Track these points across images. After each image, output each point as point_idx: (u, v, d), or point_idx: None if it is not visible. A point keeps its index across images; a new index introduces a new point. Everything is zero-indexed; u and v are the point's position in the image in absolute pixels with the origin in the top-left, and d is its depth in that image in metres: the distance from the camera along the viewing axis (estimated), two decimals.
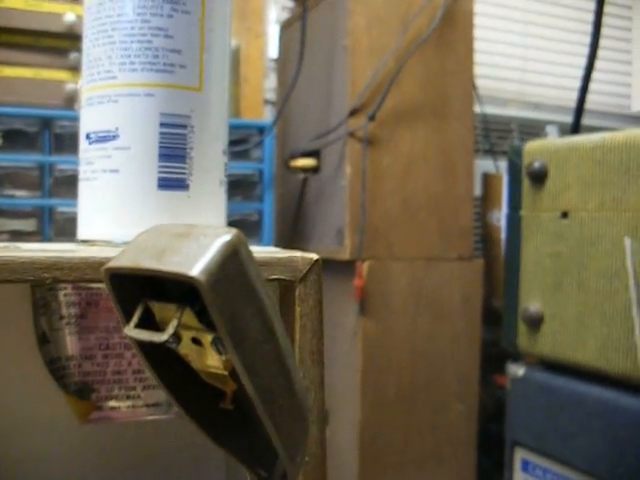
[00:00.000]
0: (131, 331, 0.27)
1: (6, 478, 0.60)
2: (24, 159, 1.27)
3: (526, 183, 1.10)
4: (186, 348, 0.30)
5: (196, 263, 0.24)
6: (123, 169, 0.54)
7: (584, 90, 1.33)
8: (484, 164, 1.83)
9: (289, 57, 1.69)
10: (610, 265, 0.95)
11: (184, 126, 0.55)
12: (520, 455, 1.11)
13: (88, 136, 0.57)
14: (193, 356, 0.30)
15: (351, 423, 1.43)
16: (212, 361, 0.30)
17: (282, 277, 0.47)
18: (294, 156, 1.60)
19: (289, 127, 1.73)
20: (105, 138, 0.55)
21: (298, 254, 0.47)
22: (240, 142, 1.49)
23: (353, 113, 1.38)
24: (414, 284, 1.43)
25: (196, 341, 0.29)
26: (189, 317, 0.28)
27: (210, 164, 0.58)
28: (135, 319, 0.27)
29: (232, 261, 0.23)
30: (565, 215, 1.03)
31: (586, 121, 1.36)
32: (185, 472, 0.70)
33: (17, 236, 1.29)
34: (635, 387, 0.92)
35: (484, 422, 1.64)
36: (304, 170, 1.56)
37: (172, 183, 0.55)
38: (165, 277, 0.24)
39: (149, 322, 0.29)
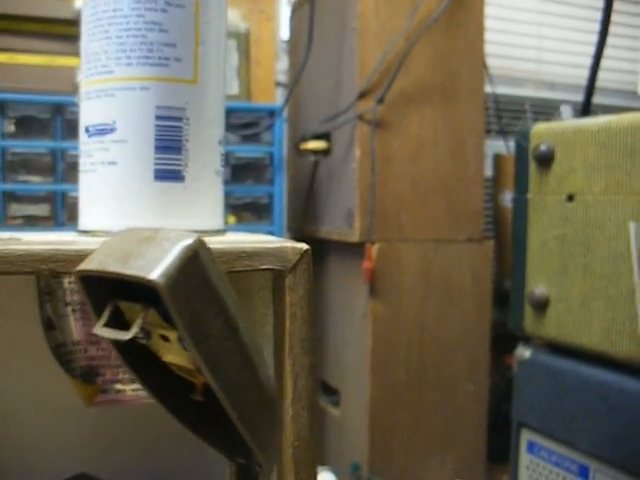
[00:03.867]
0: (99, 329, 0.28)
1: (13, 461, 0.62)
2: (37, 145, 1.29)
3: (533, 166, 1.10)
4: (156, 344, 0.31)
5: (156, 267, 0.25)
6: (120, 161, 0.56)
7: (595, 69, 1.32)
8: (496, 145, 1.83)
9: (300, 39, 1.69)
10: (615, 249, 0.95)
11: (179, 118, 0.56)
12: (526, 437, 1.12)
13: (87, 129, 0.58)
14: (163, 351, 0.31)
15: (361, 403, 1.44)
16: (180, 356, 0.31)
17: (272, 267, 0.48)
18: (305, 139, 1.61)
19: (300, 110, 1.74)
20: (103, 131, 0.56)
21: (288, 244, 0.48)
22: (251, 125, 1.50)
23: (362, 96, 1.38)
24: (424, 266, 1.44)
25: (164, 338, 0.30)
26: (154, 316, 0.29)
27: (206, 155, 0.59)
28: (103, 318, 0.28)
29: (192, 264, 0.24)
30: (571, 198, 1.03)
31: (596, 99, 1.35)
32: (191, 454, 0.72)
33: (31, 221, 1.31)
34: (639, 371, 0.92)
35: (495, 402, 1.65)
36: (315, 153, 1.57)
37: (168, 174, 0.56)
38: (129, 280, 0.26)
39: (121, 320, 0.30)
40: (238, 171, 1.48)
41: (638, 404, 0.89)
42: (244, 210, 1.49)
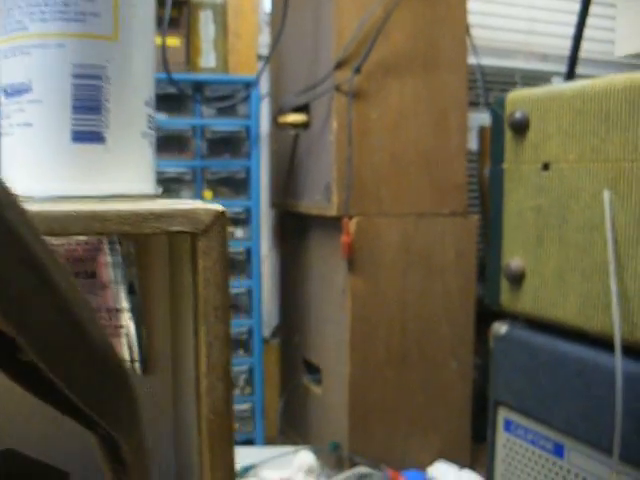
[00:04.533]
0: None
1: None
2: None
3: (508, 135, 1.06)
4: None
5: None
6: (36, 123, 0.52)
7: (578, 37, 1.28)
8: (483, 117, 1.78)
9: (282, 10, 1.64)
10: (590, 218, 0.92)
11: (98, 77, 0.53)
12: (503, 415, 1.09)
13: (5, 90, 0.54)
14: None
15: (341, 381, 1.42)
16: None
17: (183, 229, 0.44)
18: (282, 112, 1.57)
19: (281, 83, 1.70)
20: (19, 92, 0.53)
21: (201, 205, 0.45)
22: (227, 98, 1.46)
23: (339, 66, 1.34)
24: (405, 241, 1.41)
25: None
26: None
27: (130, 116, 0.55)
28: None
29: None
30: (546, 167, 0.99)
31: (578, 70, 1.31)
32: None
33: None
34: (612, 345, 0.89)
35: (481, 381, 1.62)
36: (295, 126, 1.53)
37: (87, 136, 0.52)
38: None
39: None
40: (214, 145, 1.45)
41: (612, 380, 0.85)
42: (221, 185, 1.46)
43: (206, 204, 0.46)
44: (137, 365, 0.69)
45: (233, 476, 0.45)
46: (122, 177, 0.55)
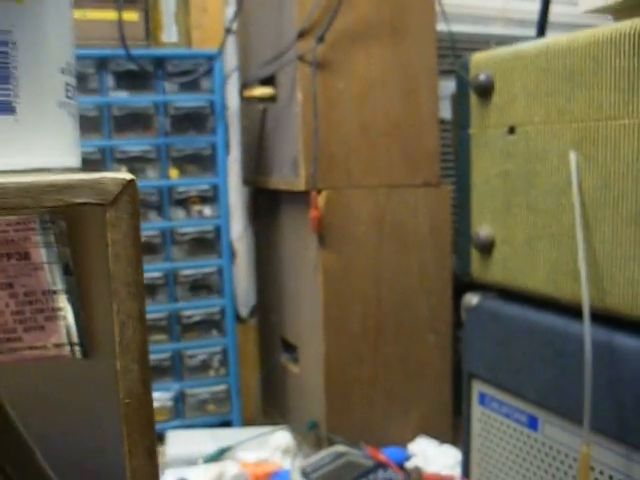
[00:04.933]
0: None
1: None
2: None
3: (474, 99, 1.02)
4: None
5: None
6: None
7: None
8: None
9: None
10: (557, 182, 0.88)
11: (4, 42, 0.49)
12: (477, 388, 1.06)
13: None
14: None
15: (317, 359, 1.39)
16: None
17: (89, 200, 0.41)
18: (247, 85, 1.53)
19: (247, 56, 1.65)
20: None
21: (108, 175, 0.41)
22: (189, 73, 1.42)
23: (302, 35, 1.30)
24: (377, 213, 1.37)
25: None
26: None
27: (43, 84, 0.51)
28: None
29: None
30: (512, 130, 0.95)
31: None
32: (76, 416, 0.66)
33: None
34: (582, 313, 0.86)
35: (459, 352, 1.59)
36: (262, 99, 1.49)
37: None
38: None
39: None
40: (178, 122, 1.40)
41: (582, 348, 0.82)
42: (187, 162, 1.41)
43: (114, 173, 0.42)
44: (77, 349, 0.66)
45: (154, 464, 0.42)
46: (37, 150, 0.51)
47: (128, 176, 0.42)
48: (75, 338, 0.67)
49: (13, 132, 0.50)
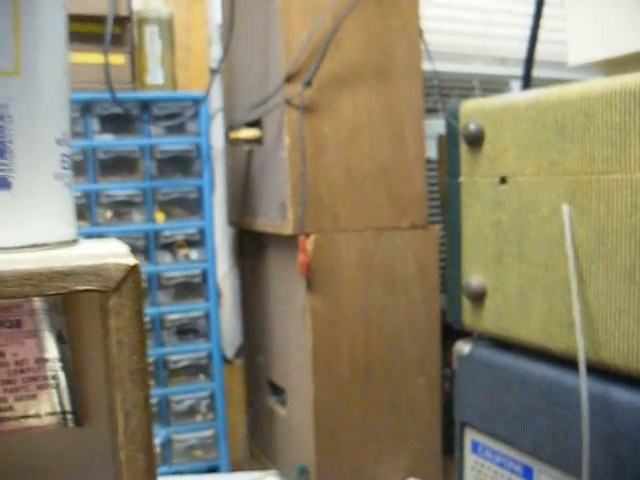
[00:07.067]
0: None
1: None
2: None
3: (464, 147, 1.02)
4: None
5: None
6: None
7: (533, 40, 1.25)
8: (440, 124, 1.74)
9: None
10: (550, 234, 0.88)
11: (0, 117, 0.48)
12: (470, 436, 1.05)
13: None
14: None
15: (305, 402, 1.37)
16: None
17: (91, 288, 0.40)
18: (233, 128, 1.52)
19: (233, 98, 1.65)
20: None
21: (111, 260, 0.40)
22: (176, 116, 1.41)
23: (289, 79, 1.30)
24: (364, 256, 1.36)
25: None
26: None
27: (39, 157, 0.50)
28: None
29: None
30: (504, 180, 0.96)
31: (536, 72, 1.29)
32: None
33: None
34: (577, 365, 0.85)
35: (449, 395, 1.58)
36: (248, 142, 1.49)
37: None
38: None
39: None
40: (164, 165, 1.39)
41: (578, 400, 0.82)
42: (173, 206, 1.40)
43: (118, 258, 0.41)
44: (69, 417, 0.65)
45: None
46: (33, 224, 0.50)
47: (132, 261, 0.41)
48: (68, 406, 0.66)
49: (9, 208, 0.49)
